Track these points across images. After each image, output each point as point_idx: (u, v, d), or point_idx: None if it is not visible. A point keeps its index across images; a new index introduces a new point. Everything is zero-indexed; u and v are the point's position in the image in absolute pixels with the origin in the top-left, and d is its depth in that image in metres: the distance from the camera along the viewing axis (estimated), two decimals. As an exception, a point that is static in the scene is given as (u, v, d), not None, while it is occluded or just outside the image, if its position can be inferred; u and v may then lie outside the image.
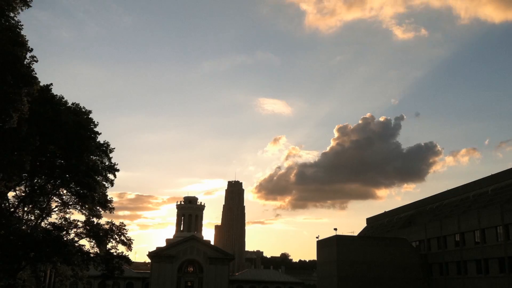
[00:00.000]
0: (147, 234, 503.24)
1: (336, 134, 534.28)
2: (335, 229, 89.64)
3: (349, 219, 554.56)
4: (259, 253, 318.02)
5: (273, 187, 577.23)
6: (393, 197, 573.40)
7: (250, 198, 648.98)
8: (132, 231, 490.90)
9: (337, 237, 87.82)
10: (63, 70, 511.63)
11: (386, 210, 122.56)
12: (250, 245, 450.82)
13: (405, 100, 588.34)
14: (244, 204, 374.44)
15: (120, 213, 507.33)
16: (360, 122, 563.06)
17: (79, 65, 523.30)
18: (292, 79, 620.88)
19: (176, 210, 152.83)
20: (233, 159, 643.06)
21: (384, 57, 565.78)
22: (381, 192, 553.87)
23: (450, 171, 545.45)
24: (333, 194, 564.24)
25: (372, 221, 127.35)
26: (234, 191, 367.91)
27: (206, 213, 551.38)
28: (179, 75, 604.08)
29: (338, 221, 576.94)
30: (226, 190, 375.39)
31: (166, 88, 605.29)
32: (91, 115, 57.48)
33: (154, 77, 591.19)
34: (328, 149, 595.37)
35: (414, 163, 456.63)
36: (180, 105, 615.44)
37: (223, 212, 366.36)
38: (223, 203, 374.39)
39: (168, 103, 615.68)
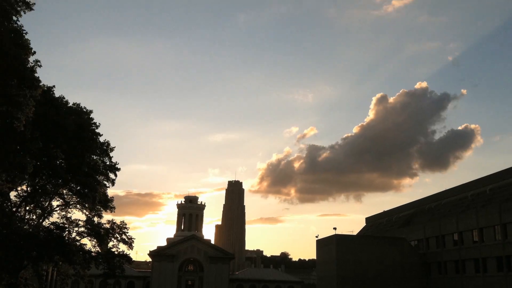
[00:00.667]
0: (154, 232, 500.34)
1: (372, 109, 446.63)
2: (335, 228, 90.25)
3: (365, 216, 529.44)
4: (259, 252, 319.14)
5: (278, 178, 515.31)
6: (415, 189, 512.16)
7: (257, 192, 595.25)
8: (139, 228, 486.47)
9: (337, 237, 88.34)
10: (64, 37, 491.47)
11: (385, 210, 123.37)
12: (250, 244, 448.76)
13: (465, 63, 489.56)
14: (245, 204, 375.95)
15: (128, 209, 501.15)
16: (404, 91, 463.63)
17: (77, 30, 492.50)
18: (336, 42, 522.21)
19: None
20: (247, 153, 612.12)
21: (457, 3, 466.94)
22: (405, 182, 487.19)
23: (485, 162, 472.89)
24: (348, 186, 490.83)
25: (371, 221, 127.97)
26: (235, 191, 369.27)
27: (215, 210, 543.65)
28: (206, 34, 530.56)
29: (355, 218, 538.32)
30: (226, 190, 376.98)
31: (183, 60, 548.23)
32: (92, 115, 58.19)
33: (168, 42, 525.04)
34: (354, 130, 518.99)
35: (447, 151, 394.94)
36: (198, 85, 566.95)
37: (223, 211, 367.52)
38: (223, 203, 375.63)
39: (184, 80, 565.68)
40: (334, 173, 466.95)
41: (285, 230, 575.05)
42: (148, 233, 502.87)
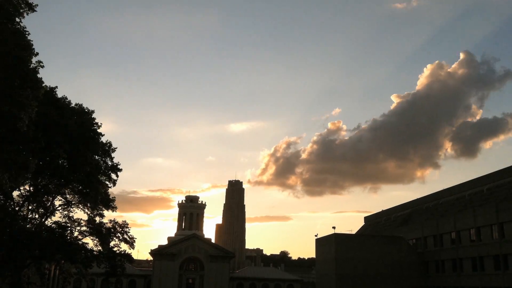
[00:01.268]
0: (163, 230, 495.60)
1: (418, 85, 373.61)
2: (334, 227, 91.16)
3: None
4: (259, 251, 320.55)
5: (284, 167, 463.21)
6: (444, 180, 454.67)
7: (261, 184, 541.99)
8: (146, 226, 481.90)
9: (336, 235, 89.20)
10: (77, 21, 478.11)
11: (384, 209, 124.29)
12: (250, 243, 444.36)
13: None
14: (245, 203, 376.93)
15: (138, 206, 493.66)
16: (463, 56, 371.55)
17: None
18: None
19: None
20: (265, 144, 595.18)
21: None
22: (438, 171, 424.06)
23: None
24: (367, 177, 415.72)
25: (370, 220, 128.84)
26: (235, 190, 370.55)
27: (219, 206, 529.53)
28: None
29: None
30: (227, 189, 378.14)
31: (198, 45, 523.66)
32: (93, 115, 58.89)
33: (187, 23, 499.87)
34: (392, 106, 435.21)
35: (482, 137, 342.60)
36: (217, 71, 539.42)
37: (223, 211, 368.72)
38: (224, 202, 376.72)
39: (200, 67, 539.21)
40: (352, 161, 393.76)
41: (293, 227, 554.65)
42: (157, 230, 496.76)
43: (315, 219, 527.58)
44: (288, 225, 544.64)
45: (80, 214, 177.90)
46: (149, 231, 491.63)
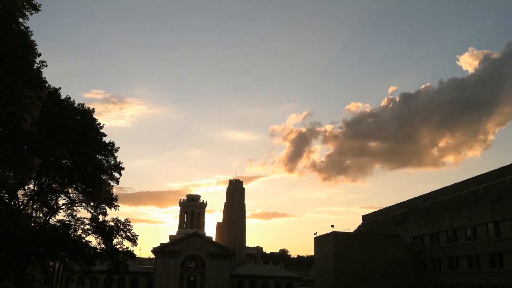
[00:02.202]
0: (172, 227, 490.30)
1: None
2: (332, 226, 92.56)
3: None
4: (259, 249, 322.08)
5: (296, 150, 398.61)
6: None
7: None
8: (159, 222, 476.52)
9: (334, 234, 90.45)
10: None
11: (381, 208, 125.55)
12: (250, 241, 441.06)
13: None
14: (245, 202, 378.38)
15: (151, 201, 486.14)
16: None
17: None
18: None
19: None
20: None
21: None
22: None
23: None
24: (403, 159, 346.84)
25: (368, 218, 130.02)
26: (236, 189, 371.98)
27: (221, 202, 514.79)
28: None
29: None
30: (227, 189, 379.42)
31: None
32: (94, 115, 60.04)
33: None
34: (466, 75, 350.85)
35: None
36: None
37: (224, 209, 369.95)
38: (224, 201, 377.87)
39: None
40: (385, 139, 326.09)
41: (293, 225, 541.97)
42: (168, 227, 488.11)
43: (324, 214, 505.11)
44: (289, 222, 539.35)
45: (83, 212, 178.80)
46: (160, 228, 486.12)
